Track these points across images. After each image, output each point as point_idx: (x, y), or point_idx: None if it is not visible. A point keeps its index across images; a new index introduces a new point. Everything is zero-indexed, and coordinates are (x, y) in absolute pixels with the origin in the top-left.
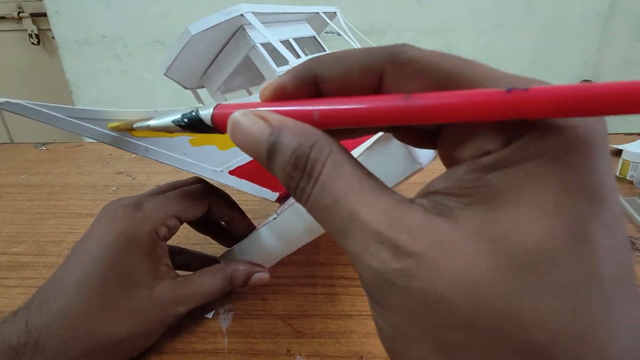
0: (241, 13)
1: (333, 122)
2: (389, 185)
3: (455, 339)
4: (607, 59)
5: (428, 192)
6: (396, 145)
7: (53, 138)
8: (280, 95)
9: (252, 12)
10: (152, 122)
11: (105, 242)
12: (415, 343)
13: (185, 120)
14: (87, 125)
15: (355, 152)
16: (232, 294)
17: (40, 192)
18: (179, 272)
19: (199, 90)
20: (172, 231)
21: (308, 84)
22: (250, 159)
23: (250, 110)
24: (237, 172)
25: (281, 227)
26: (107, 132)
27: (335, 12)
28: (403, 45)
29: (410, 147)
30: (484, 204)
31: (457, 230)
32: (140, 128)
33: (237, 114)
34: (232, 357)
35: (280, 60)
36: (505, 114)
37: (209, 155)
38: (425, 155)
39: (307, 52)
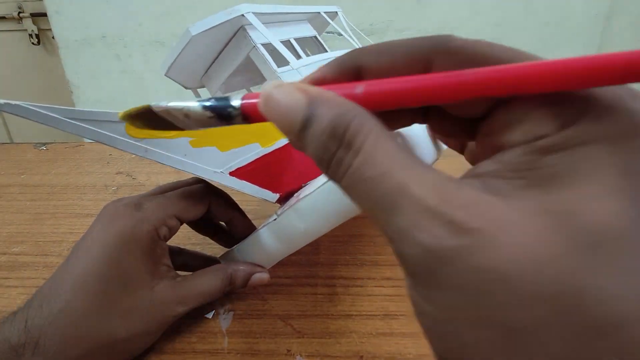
0: (242, 13)
1: (379, 100)
2: None
3: (517, 318)
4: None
5: (475, 175)
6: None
7: (53, 138)
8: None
9: (253, 13)
10: (172, 103)
11: (105, 242)
12: (469, 325)
13: (212, 102)
14: (86, 126)
15: None
16: (232, 294)
17: (40, 192)
18: (179, 272)
19: (199, 90)
20: (172, 231)
21: (350, 76)
22: (252, 160)
23: (286, 82)
24: (237, 173)
25: (281, 228)
26: (107, 133)
27: (336, 12)
28: (447, 35)
29: (412, 149)
30: (542, 186)
31: (516, 209)
32: (159, 107)
33: (271, 85)
34: (232, 357)
35: (281, 60)
36: (570, 82)
37: (209, 156)
38: (428, 157)
39: (308, 52)
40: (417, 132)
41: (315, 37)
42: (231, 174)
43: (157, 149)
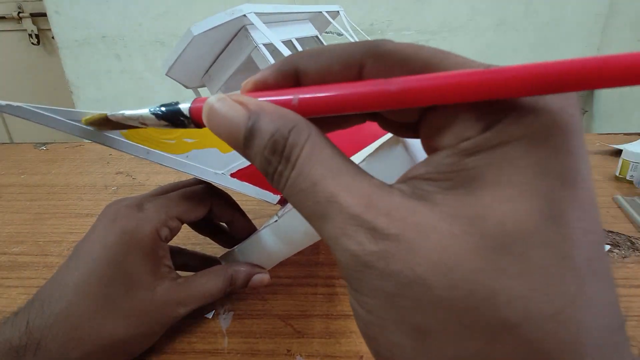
0: (244, 13)
1: (313, 109)
2: None
3: (430, 321)
4: None
5: (407, 178)
6: (400, 153)
7: (53, 138)
8: (261, 89)
9: (255, 13)
10: (127, 111)
11: (106, 242)
12: (390, 327)
13: (163, 109)
14: (87, 128)
15: (357, 158)
16: (232, 295)
17: (40, 192)
18: (179, 272)
19: (200, 90)
20: (173, 232)
21: (289, 78)
22: None
23: (227, 95)
24: (238, 174)
25: (282, 229)
26: (108, 135)
27: (338, 11)
28: (381, 40)
29: (414, 155)
30: (462, 188)
31: (435, 213)
32: (115, 117)
33: (212, 99)
34: (232, 357)
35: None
36: (480, 93)
37: (210, 158)
38: None
39: None
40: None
41: (317, 36)
42: (232, 175)
43: (159, 150)
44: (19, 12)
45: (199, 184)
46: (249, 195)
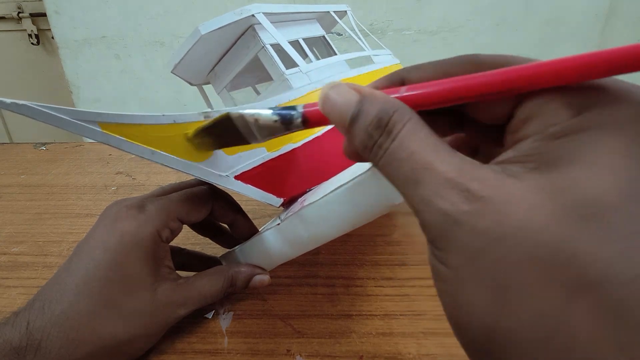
0: (252, 13)
1: (418, 98)
2: (396, 202)
3: (512, 276)
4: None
5: (495, 162)
6: None
7: (53, 138)
8: None
9: (263, 13)
10: (247, 110)
11: (107, 243)
12: (472, 282)
13: (280, 110)
14: (92, 127)
15: (364, 166)
16: (232, 295)
17: (40, 192)
18: (179, 272)
19: (204, 87)
20: (174, 233)
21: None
22: (257, 164)
23: (341, 82)
24: (242, 177)
25: (285, 233)
26: (112, 135)
27: (345, 11)
28: (475, 54)
29: None
30: (549, 167)
31: (523, 185)
32: (235, 114)
33: (329, 85)
34: (232, 357)
35: (289, 61)
36: (576, 76)
37: (215, 160)
38: None
39: (316, 52)
40: None
41: (324, 37)
42: (236, 177)
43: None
44: (19, 12)
45: (200, 184)
46: (252, 198)
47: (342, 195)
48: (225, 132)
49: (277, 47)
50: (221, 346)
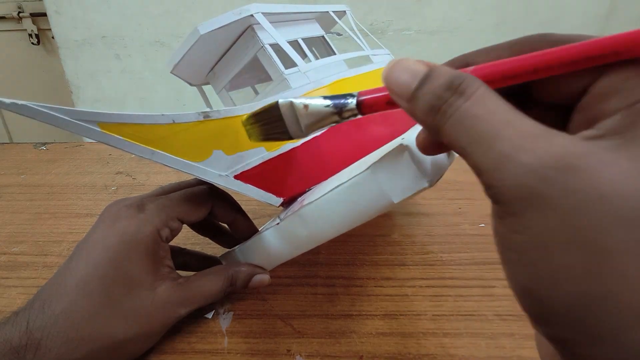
0: (251, 13)
1: (488, 73)
2: (395, 201)
3: (612, 240)
4: None
5: (577, 140)
6: (406, 162)
7: (53, 138)
8: None
9: (262, 13)
10: (297, 99)
11: (107, 243)
12: (561, 248)
13: (332, 96)
14: (92, 127)
15: (361, 165)
16: (232, 295)
17: (40, 192)
18: (179, 272)
19: (204, 87)
20: (174, 233)
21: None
22: (257, 163)
23: (408, 59)
24: (242, 176)
25: (284, 232)
26: (112, 135)
27: (344, 11)
28: (545, 33)
29: (419, 164)
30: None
31: (614, 154)
32: (284, 102)
33: (394, 60)
34: (232, 357)
35: (288, 61)
36: None
37: (214, 159)
38: (434, 172)
39: (315, 52)
40: None
41: (323, 36)
42: (236, 177)
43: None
44: (19, 12)
45: (200, 184)
46: (252, 197)
47: (341, 194)
48: (271, 122)
49: (276, 47)
50: (221, 346)
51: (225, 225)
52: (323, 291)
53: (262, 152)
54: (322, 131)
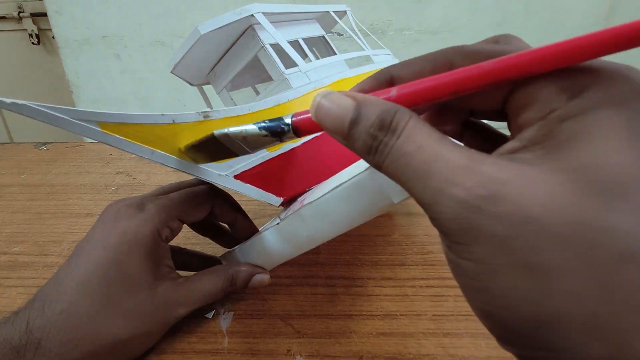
0: (252, 13)
1: (409, 98)
2: (395, 201)
3: (548, 258)
4: (607, 59)
5: (499, 154)
6: None
7: (53, 138)
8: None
9: (263, 13)
10: (232, 128)
11: (107, 242)
12: (504, 271)
13: (267, 122)
14: (92, 127)
15: (363, 165)
16: (232, 295)
17: (40, 192)
18: (179, 272)
19: (204, 87)
20: (174, 233)
21: (384, 85)
22: (257, 163)
23: (332, 91)
24: (242, 176)
25: (284, 232)
26: (112, 135)
27: (345, 11)
28: (462, 45)
29: None
30: (561, 149)
31: (537, 169)
32: (220, 133)
33: (320, 94)
34: (232, 357)
35: (288, 61)
36: (566, 59)
37: None
38: None
39: (316, 52)
40: None
41: (323, 36)
42: (236, 177)
43: (164, 151)
44: (19, 12)
45: (200, 184)
46: (252, 197)
47: (340, 194)
48: (215, 149)
49: (277, 47)
50: (221, 346)
51: (226, 225)
52: (323, 291)
53: (262, 152)
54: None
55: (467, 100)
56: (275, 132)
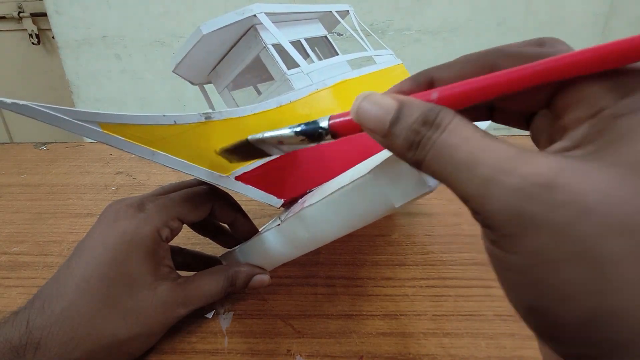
0: (254, 13)
1: (455, 100)
2: (396, 205)
3: (610, 249)
4: None
5: (550, 153)
6: (407, 165)
7: (53, 138)
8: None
9: (265, 13)
10: (267, 133)
11: (108, 242)
12: (561, 262)
13: (303, 126)
14: (92, 127)
15: (365, 169)
16: (232, 294)
17: (40, 192)
18: (179, 272)
19: (206, 86)
20: (174, 232)
21: (424, 87)
22: (258, 165)
23: (375, 92)
24: (243, 178)
25: (285, 234)
26: (112, 135)
27: (347, 11)
28: (503, 45)
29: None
30: (615, 145)
31: (594, 164)
32: (254, 138)
33: (361, 96)
34: (232, 357)
35: (290, 62)
36: (619, 59)
37: None
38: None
39: (318, 52)
40: None
41: (326, 36)
42: (237, 178)
43: (164, 152)
44: (19, 12)
45: (200, 184)
46: (253, 198)
47: (342, 197)
48: (248, 151)
49: (279, 48)
50: (221, 346)
51: (226, 226)
52: (323, 291)
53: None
54: None
55: (507, 102)
56: (313, 136)
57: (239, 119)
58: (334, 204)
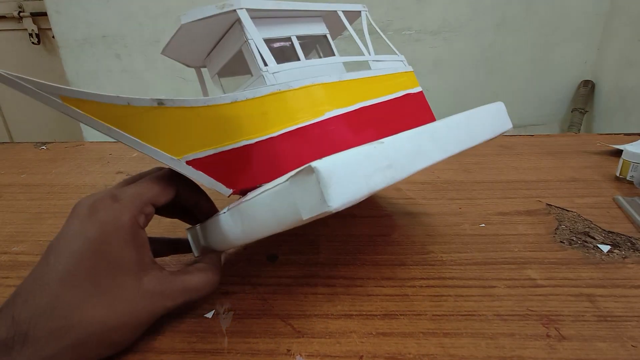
0: (234, 8)
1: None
2: (303, 218)
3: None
4: (607, 59)
5: None
6: (313, 182)
7: (53, 138)
8: None
9: (249, 9)
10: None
11: (88, 235)
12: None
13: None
14: (54, 99)
15: (284, 177)
16: (232, 294)
17: (40, 192)
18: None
19: (202, 70)
20: (148, 218)
21: None
22: (210, 154)
23: None
24: (194, 163)
25: (227, 222)
26: (71, 108)
27: (359, 12)
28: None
29: (327, 187)
30: None
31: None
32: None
33: None
34: (232, 357)
35: (278, 57)
36: None
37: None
38: (340, 199)
39: (319, 51)
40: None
41: (325, 36)
42: (188, 162)
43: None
44: (20, 12)
45: (160, 171)
46: (201, 184)
47: (266, 199)
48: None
49: (269, 43)
50: (221, 346)
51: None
52: (323, 291)
53: (217, 143)
54: (280, 133)
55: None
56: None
57: (190, 108)
58: (260, 204)
